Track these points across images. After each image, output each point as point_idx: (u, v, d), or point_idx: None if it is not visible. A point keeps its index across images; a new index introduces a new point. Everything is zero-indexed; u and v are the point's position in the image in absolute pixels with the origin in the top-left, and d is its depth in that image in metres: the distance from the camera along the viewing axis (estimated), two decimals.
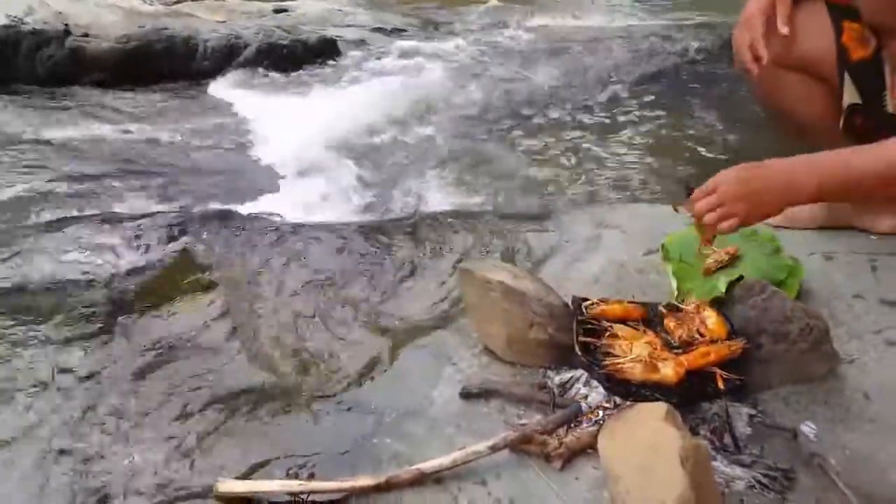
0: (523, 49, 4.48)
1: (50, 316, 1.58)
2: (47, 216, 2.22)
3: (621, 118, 3.37)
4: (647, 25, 5.01)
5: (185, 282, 1.72)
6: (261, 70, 4.07)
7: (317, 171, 2.78)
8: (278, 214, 2.25)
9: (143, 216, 2.11)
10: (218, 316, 1.57)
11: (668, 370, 1.14)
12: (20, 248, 1.90)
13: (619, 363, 1.16)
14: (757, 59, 1.48)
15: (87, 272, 1.79)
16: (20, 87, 3.55)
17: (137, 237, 1.97)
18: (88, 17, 3.98)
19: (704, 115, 3.34)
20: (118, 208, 2.33)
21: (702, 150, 2.92)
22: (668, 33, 4.68)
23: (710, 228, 1.26)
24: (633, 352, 1.18)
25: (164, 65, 3.91)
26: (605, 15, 5.63)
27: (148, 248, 1.90)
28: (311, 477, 1.12)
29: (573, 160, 2.88)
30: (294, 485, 1.08)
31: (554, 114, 3.43)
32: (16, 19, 3.68)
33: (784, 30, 1.47)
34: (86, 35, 3.82)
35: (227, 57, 4.06)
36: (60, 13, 3.89)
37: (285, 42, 4.24)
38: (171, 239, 1.93)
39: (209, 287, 1.68)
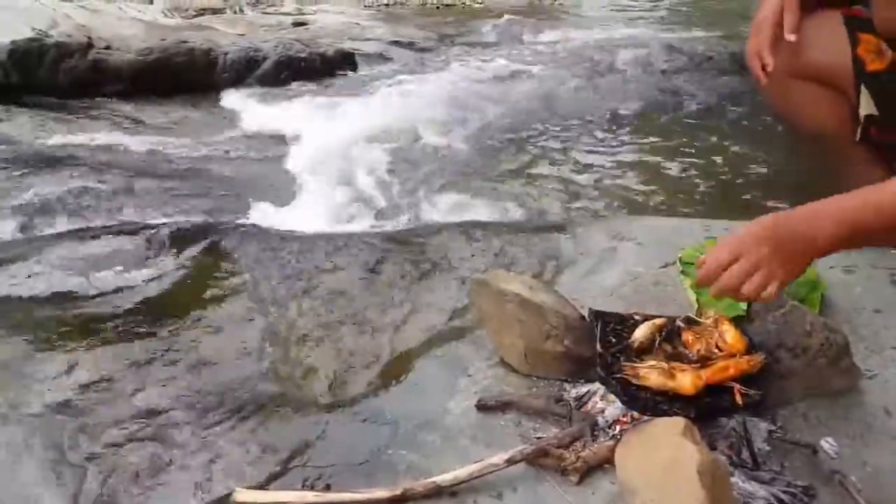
0: (538, 62, 4.49)
1: (67, 326, 1.60)
2: (65, 225, 2.25)
3: (636, 131, 3.36)
4: (661, 38, 5.01)
5: (204, 291, 1.73)
6: (279, 82, 4.11)
7: (334, 182, 2.79)
8: (294, 225, 2.27)
9: (162, 226, 2.13)
10: (235, 324, 1.58)
11: (686, 380, 1.13)
12: (38, 258, 1.93)
13: (636, 366, 1.16)
14: (764, 67, 1.48)
15: (103, 282, 1.81)
16: (42, 98, 3.61)
17: (156, 247, 1.98)
18: (111, 30, 4.04)
19: (721, 127, 3.33)
20: (137, 218, 2.35)
21: (717, 161, 2.91)
22: (683, 46, 4.67)
23: (747, 298, 1.11)
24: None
25: (185, 77, 3.96)
26: (616, 28, 5.63)
27: (166, 257, 1.92)
28: (328, 488, 1.13)
29: (588, 172, 2.87)
30: (310, 495, 1.09)
31: (570, 126, 3.43)
32: (40, 32, 3.74)
33: (791, 37, 1.46)
34: (108, 47, 3.88)
35: (246, 69, 4.11)
36: (83, 26, 3.96)
37: (304, 55, 4.28)
38: (190, 249, 1.94)
39: (228, 296, 1.69)
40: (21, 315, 1.67)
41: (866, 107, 1.48)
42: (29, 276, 1.86)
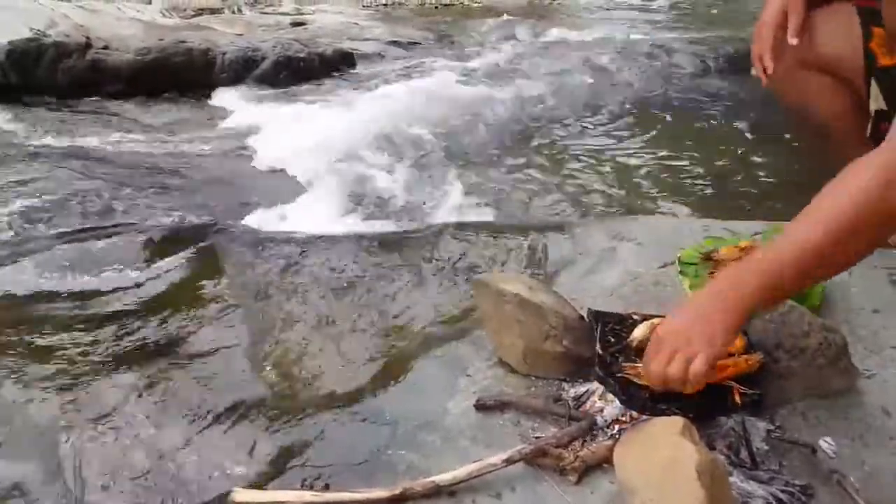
0: (536, 62, 4.50)
1: (64, 326, 1.60)
2: (62, 226, 2.25)
3: (636, 131, 3.37)
4: (661, 38, 5.01)
5: (200, 291, 1.73)
6: (278, 82, 4.11)
7: (331, 182, 2.79)
8: (292, 226, 2.27)
9: (158, 227, 2.13)
10: (231, 326, 1.58)
11: None
12: (35, 258, 1.93)
13: (635, 366, 1.16)
14: (765, 70, 1.49)
15: (100, 282, 1.81)
16: (41, 98, 3.61)
17: (152, 247, 1.98)
18: (109, 30, 4.04)
19: (722, 127, 3.34)
20: (134, 218, 2.35)
21: (718, 161, 2.92)
22: (684, 46, 4.68)
23: (680, 382, 1.03)
24: None
25: (183, 77, 3.96)
26: (617, 28, 5.64)
27: (163, 258, 1.92)
28: (327, 488, 1.13)
29: (588, 173, 2.88)
30: (308, 495, 1.08)
31: (568, 127, 3.43)
32: (38, 32, 3.74)
33: (793, 41, 1.46)
34: (106, 47, 3.88)
35: (244, 69, 4.11)
36: (82, 26, 3.96)
37: (302, 55, 4.28)
38: (187, 249, 1.94)
39: (225, 297, 1.69)
40: (18, 314, 1.67)
41: (876, 102, 1.47)
42: (26, 276, 1.86)
